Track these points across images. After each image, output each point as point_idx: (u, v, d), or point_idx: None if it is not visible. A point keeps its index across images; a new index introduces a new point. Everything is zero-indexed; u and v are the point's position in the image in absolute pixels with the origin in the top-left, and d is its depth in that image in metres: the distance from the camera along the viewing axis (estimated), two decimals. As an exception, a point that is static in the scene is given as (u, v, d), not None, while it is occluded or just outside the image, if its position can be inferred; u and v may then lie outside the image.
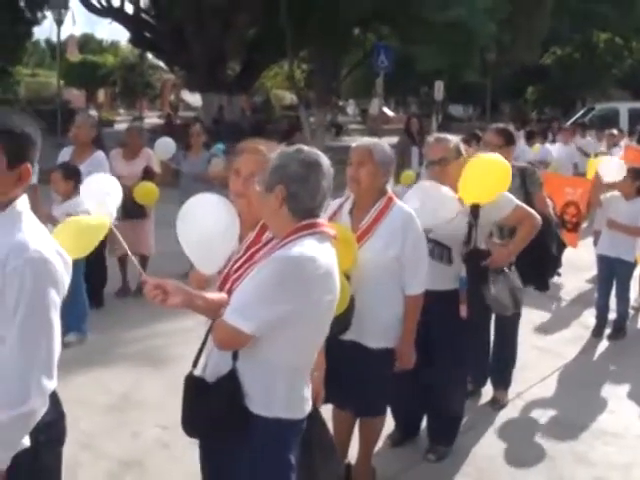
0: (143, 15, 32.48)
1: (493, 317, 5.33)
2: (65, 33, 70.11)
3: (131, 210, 7.40)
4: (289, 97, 49.37)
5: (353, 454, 4.16)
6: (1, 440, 2.27)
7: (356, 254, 3.68)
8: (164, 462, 4.51)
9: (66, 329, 5.77)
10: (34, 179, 6.53)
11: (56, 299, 2.35)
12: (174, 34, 29.18)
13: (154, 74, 51.51)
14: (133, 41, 35.24)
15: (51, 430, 2.46)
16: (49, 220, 6.06)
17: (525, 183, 5.16)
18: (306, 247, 2.59)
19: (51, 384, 2.34)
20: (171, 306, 2.64)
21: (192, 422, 2.82)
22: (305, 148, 2.77)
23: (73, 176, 6.06)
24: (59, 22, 24.14)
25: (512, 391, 5.60)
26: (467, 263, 4.35)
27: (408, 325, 3.92)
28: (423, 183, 4.53)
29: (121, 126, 37.52)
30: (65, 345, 2.10)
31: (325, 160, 2.74)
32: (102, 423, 5.00)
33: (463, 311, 4.35)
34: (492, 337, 5.56)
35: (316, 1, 17.96)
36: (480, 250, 4.41)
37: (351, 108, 55.34)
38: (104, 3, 31.60)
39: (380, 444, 4.44)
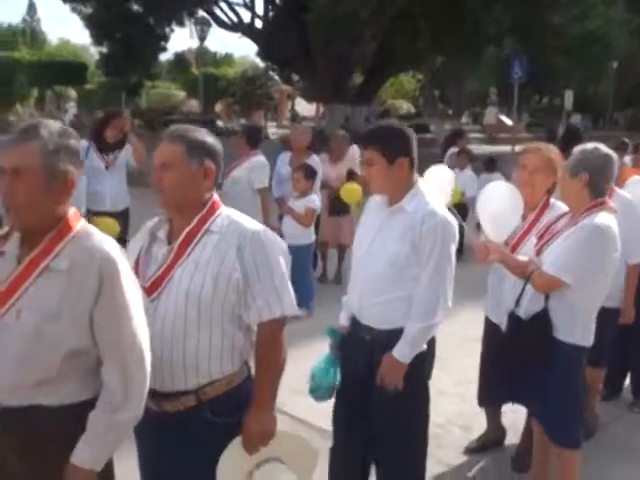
0: (270, 29, 33.95)
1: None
2: (182, 47, 72.89)
3: (337, 207, 8.56)
4: (405, 107, 50.45)
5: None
6: (413, 342, 3.36)
7: None
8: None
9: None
10: (266, 182, 7.65)
11: (453, 250, 3.41)
12: (301, 48, 30.47)
13: (273, 86, 53.29)
14: (261, 54, 36.81)
15: (432, 344, 3.53)
16: (289, 212, 7.25)
17: None
18: (604, 218, 3.63)
19: (449, 305, 3.41)
20: (490, 261, 3.77)
21: (511, 350, 3.86)
22: (601, 146, 3.78)
23: (312, 176, 7.21)
24: (202, 39, 25.80)
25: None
26: None
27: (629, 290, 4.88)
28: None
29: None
30: (296, 318, 2.85)
31: (615, 155, 3.74)
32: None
33: None
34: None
35: (456, 19, 18.93)
36: None
37: (464, 116, 55.83)
38: (235, 20, 33.25)
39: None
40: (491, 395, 4.57)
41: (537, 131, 36.02)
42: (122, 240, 5.86)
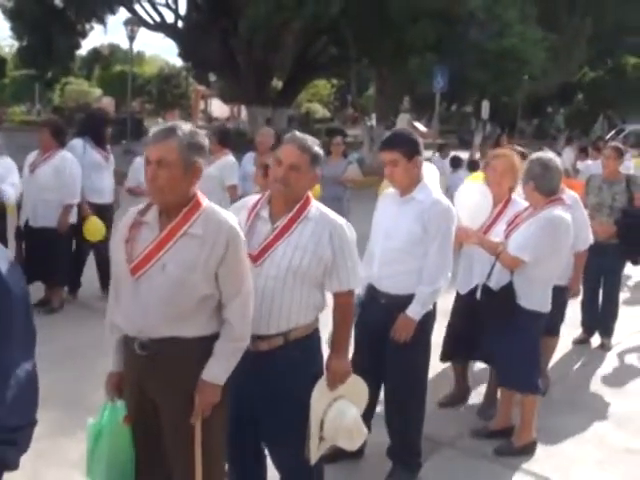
0: (193, 30, 34.19)
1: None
2: (92, 44, 72.18)
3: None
4: (321, 111, 51.55)
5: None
6: (424, 303, 4.23)
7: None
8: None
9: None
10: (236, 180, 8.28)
11: (454, 230, 4.30)
12: (223, 51, 30.93)
13: (188, 86, 53.48)
14: (183, 55, 37.06)
15: (434, 306, 4.40)
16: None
17: (629, 186, 7.07)
18: (557, 211, 4.63)
19: (449, 274, 4.30)
20: (469, 242, 4.71)
21: (483, 314, 4.81)
22: (541, 155, 4.77)
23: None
24: (131, 38, 26.10)
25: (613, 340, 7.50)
26: None
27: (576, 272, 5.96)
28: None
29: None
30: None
31: (556, 161, 4.75)
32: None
33: None
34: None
35: (382, 31, 20.05)
36: None
37: (374, 122, 56.91)
38: (157, 19, 33.40)
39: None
40: (455, 353, 5.53)
41: (449, 137, 37.75)
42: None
